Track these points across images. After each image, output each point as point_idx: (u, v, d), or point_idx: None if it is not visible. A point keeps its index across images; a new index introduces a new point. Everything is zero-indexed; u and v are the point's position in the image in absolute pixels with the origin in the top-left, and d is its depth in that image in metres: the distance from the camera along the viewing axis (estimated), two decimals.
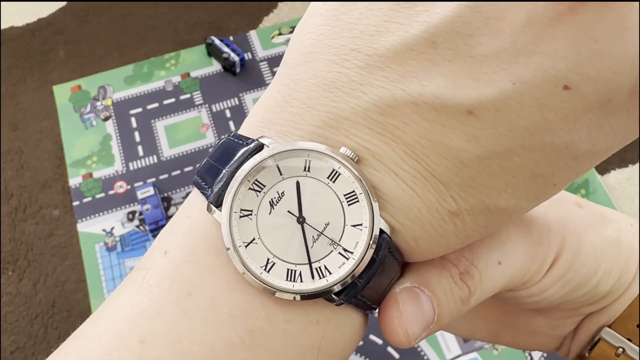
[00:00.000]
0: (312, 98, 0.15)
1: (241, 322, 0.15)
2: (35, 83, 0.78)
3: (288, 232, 0.16)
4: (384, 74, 0.14)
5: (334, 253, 0.16)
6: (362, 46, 0.14)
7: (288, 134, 0.15)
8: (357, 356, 0.61)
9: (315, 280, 0.16)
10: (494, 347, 0.61)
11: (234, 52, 0.76)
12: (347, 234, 0.16)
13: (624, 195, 0.69)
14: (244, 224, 0.16)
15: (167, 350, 0.14)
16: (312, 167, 0.16)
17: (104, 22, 0.83)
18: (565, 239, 0.18)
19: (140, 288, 0.15)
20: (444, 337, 0.62)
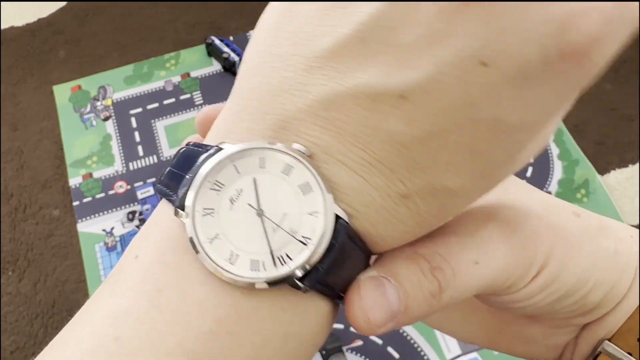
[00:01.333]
0: (264, 104, 0.17)
1: (210, 312, 0.16)
2: (35, 83, 0.78)
3: (249, 225, 0.17)
4: (323, 72, 0.15)
5: (294, 241, 0.17)
6: (302, 50, 0.16)
7: (245, 141, 0.17)
8: (357, 356, 0.61)
9: (278, 267, 0.17)
10: None
11: (234, 52, 0.76)
12: (304, 221, 0.17)
13: (624, 195, 0.69)
14: (207, 222, 0.17)
15: (140, 344, 0.15)
16: (266, 163, 0.17)
17: (104, 22, 0.83)
18: (554, 247, 0.19)
19: (113, 291, 0.16)
20: (443, 337, 0.62)
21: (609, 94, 0.76)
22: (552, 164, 0.71)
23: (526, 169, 0.71)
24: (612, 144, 0.73)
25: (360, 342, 0.61)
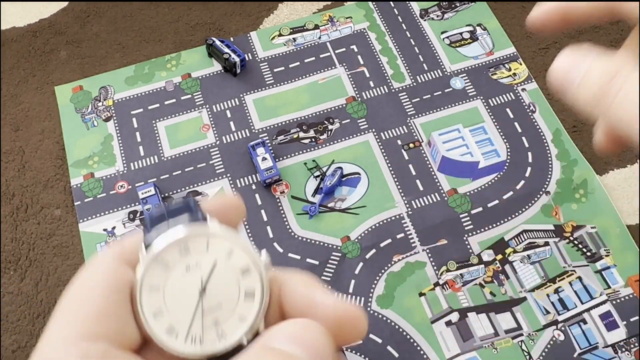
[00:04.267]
0: None
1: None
2: (36, 83, 0.78)
3: (187, 296, 0.19)
4: None
5: (213, 330, 0.19)
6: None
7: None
8: (357, 355, 0.61)
9: (186, 344, 0.18)
10: (494, 346, 0.62)
11: (235, 52, 0.76)
12: (231, 320, 0.19)
13: (622, 196, 0.70)
14: (158, 272, 0.19)
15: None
16: (232, 257, 0.19)
17: (105, 23, 0.83)
18: None
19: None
20: (443, 337, 0.62)
21: None
22: (551, 164, 0.72)
23: (525, 169, 0.71)
24: None
25: (360, 342, 0.62)
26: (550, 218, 0.68)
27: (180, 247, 0.19)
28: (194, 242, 0.19)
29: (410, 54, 0.80)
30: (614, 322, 0.63)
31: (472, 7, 0.83)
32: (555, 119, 0.74)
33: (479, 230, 0.67)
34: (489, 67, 0.78)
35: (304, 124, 0.75)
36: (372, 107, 0.76)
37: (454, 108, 0.76)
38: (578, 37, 0.81)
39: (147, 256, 0.19)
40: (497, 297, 0.64)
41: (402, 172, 0.71)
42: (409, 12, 0.83)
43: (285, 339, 0.17)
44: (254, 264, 0.19)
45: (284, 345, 0.17)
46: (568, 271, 0.65)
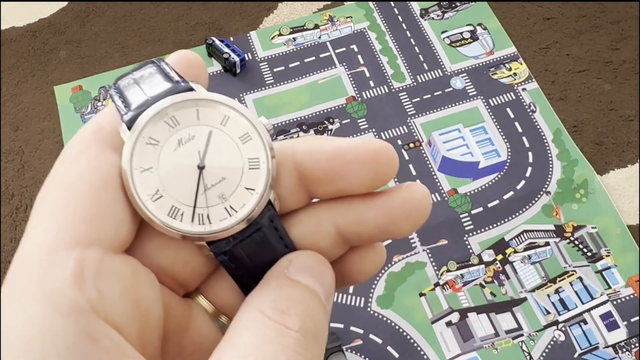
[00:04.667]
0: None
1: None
2: (36, 83, 0.78)
3: (185, 173, 0.17)
4: None
5: (220, 206, 0.17)
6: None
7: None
8: (357, 355, 0.61)
9: (194, 224, 0.16)
10: (494, 347, 0.62)
11: (235, 52, 0.76)
12: (238, 193, 0.17)
13: (623, 196, 0.70)
14: (147, 151, 0.16)
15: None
16: (228, 123, 0.17)
17: (105, 23, 0.83)
18: None
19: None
20: (443, 337, 0.62)
21: (608, 94, 0.76)
22: (551, 164, 0.71)
23: (525, 169, 0.71)
24: (611, 144, 0.73)
25: (360, 342, 0.62)
26: (551, 218, 0.68)
27: (167, 120, 0.17)
28: (182, 112, 0.17)
29: (411, 54, 0.79)
30: (614, 322, 0.62)
31: (472, 6, 0.83)
32: (556, 118, 0.74)
33: (480, 230, 0.67)
34: (490, 67, 0.78)
35: (304, 124, 0.74)
36: (372, 107, 0.76)
37: (454, 108, 0.75)
38: (579, 37, 0.80)
39: (132, 135, 0.16)
40: (497, 298, 0.64)
41: (402, 172, 0.71)
42: (409, 12, 0.83)
43: (302, 271, 0.17)
44: (254, 129, 0.17)
45: (302, 278, 0.17)
46: (568, 271, 0.65)
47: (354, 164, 0.17)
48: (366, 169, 0.17)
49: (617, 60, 0.79)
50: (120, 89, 0.18)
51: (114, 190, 0.16)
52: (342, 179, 0.17)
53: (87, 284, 0.14)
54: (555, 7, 0.83)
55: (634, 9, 0.82)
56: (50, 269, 0.14)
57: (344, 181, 0.17)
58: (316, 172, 0.17)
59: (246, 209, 0.17)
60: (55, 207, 0.15)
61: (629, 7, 0.83)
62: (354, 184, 0.17)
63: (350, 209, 0.18)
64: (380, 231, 0.18)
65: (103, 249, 0.15)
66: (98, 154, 0.16)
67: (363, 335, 0.62)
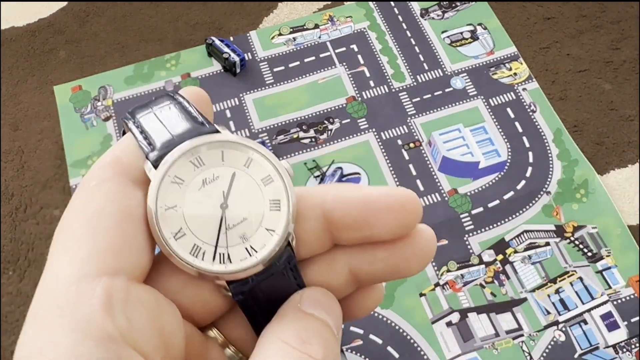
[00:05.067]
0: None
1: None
2: (35, 83, 0.78)
3: (208, 212, 0.17)
4: None
5: (241, 246, 0.17)
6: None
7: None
8: (357, 356, 0.61)
9: (215, 263, 0.17)
10: (494, 347, 0.61)
11: (234, 52, 0.76)
12: (258, 234, 0.17)
13: (623, 196, 0.69)
14: (172, 190, 0.17)
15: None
16: (251, 166, 0.18)
17: (105, 23, 0.83)
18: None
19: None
20: (443, 337, 0.62)
21: (609, 94, 0.76)
22: (552, 164, 0.71)
23: (525, 169, 0.71)
24: (612, 144, 0.73)
25: (360, 342, 0.62)
26: (551, 218, 0.68)
27: (193, 160, 0.17)
28: (207, 154, 0.17)
29: (411, 54, 0.79)
30: (614, 322, 0.62)
31: (472, 6, 0.83)
32: (556, 118, 0.74)
33: (480, 230, 0.67)
34: (490, 67, 0.78)
35: (304, 123, 0.74)
36: (372, 107, 0.76)
37: (454, 108, 0.75)
38: (579, 37, 0.80)
39: (158, 174, 0.17)
40: (497, 298, 0.64)
41: (402, 172, 0.71)
42: (409, 12, 0.83)
43: (314, 305, 0.17)
44: (276, 171, 0.18)
45: (316, 311, 0.17)
46: (569, 271, 0.65)
47: (384, 212, 0.17)
48: (394, 216, 0.17)
49: (618, 60, 0.78)
50: (141, 124, 0.18)
51: (135, 222, 0.16)
52: (371, 226, 0.17)
53: (116, 312, 0.15)
54: (556, 7, 0.83)
55: (634, 8, 0.82)
56: (79, 297, 0.15)
57: (372, 228, 0.17)
58: (345, 219, 0.18)
59: (266, 250, 0.17)
60: (78, 238, 0.16)
61: (629, 7, 0.83)
62: (381, 231, 0.17)
63: (362, 250, 0.18)
64: (392, 271, 0.18)
65: (128, 278, 0.16)
66: (118, 186, 0.17)
67: (363, 335, 0.62)
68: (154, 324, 0.15)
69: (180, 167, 0.17)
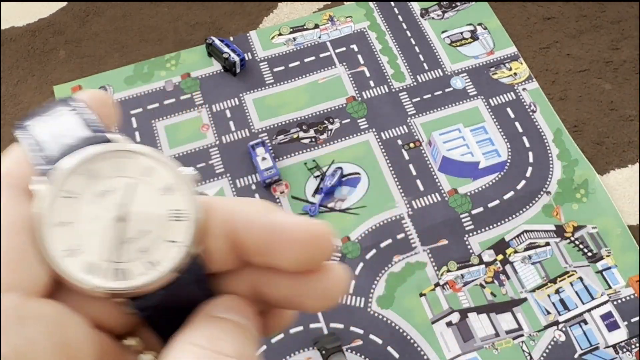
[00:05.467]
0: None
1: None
2: (35, 83, 0.78)
3: (104, 226, 0.16)
4: None
5: (141, 261, 0.16)
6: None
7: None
8: (357, 356, 0.61)
9: (112, 280, 0.16)
10: (494, 347, 0.61)
11: (234, 52, 0.76)
12: (160, 246, 0.16)
13: (623, 196, 0.69)
14: (64, 204, 0.16)
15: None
16: (150, 175, 0.16)
17: (105, 23, 0.83)
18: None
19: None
20: (443, 337, 0.62)
21: (609, 94, 0.76)
22: (552, 164, 0.71)
23: (525, 169, 0.71)
24: (612, 144, 0.73)
25: (360, 342, 0.62)
26: (551, 218, 0.68)
27: (86, 171, 0.16)
28: (102, 164, 0.16)
29: (411, 54, 0.79)
30: (614, 322, 0.62)
31: (472, 6, 0.83)
32: (556, 118, 0.74)
33: (480, 230, 0.67)
34: (490, 67, 0.78)
35: (304, 123, 0.74)
36: (372, 107, 0.75)
37: (454, 108, 0.75)
38: (579, 37, 0.80)
39: (48, 187, 0.15)
40: (497, 298, 0.64)
41: (402, 172, 0.71)
42: (409, 12, 0.83)
43: (225, 310, 0.17)
44: (178, 180, 0.16)
45: (228, 315, 0.16)
46: (569, 271, 0.65)
47: (288, 244, 0.16)
48: (299, 251, 0.16)
49: (618, 60, 0.78)
50: (33, 134, 0.17)
51: (29, 235, 0.16)
52: (274, 256, 0.16)
53: (9, 330, 0.14)
54: (556, 7, 0.83)
55: (634, 9, 0.82)
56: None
57: (275, 259, 0.16)
58: (249, 243, 0.17)
59: (168, 263, 0.16)
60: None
61: (629, 7, 0.82)
62: (284, 263, 0.17)
63: (268, 273, 0.17)
64: (291, 302, 0.17)
65: (22, 293, 0.15)
66: (9, 199, 0.16)
67: (363, 335, 0.62)
68: (55, 339, 0.15)
69: (72, 180, 0.16)
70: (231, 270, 0.18)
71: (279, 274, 0.17)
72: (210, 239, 0.17)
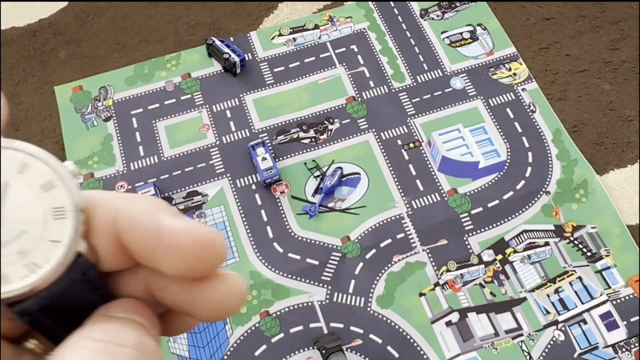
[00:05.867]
0: None
1: None
2: (36, 83, 0.78)
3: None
4: None
5: (20, 263, 0.15)
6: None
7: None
8: (357, 355, 0.61)
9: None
10: (494, 347, 0.62)
11: (235, 52, 0.76)
12: (41, 247, 0.15)
13: (622, 196, 0.70)
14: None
15: None
16: (27, 172, 0.15)
17: (105, 23, 0.83)
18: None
19: None
20: (443, 337, 0.62)
21: (608, 95, 0.76)
22: (551, 164, 0.72)
23: (525, 169, 0.71)
24: (611, 144, 0.73)
25: (360, 342, 0.62)
26: (551, 218, 0.68)
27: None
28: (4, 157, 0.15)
29: (410, 54, 0.80)
30: (614, 322, 0.63)
31: (472, 7, 0.83)
32: (556, 118, 0.74)
33: (479, 230, 0.67)
34: (489, 67, 0.78)
35: (304, 124, 0.74)
36: (372, 107, 0.76)
37: (454, 108, 0.76)
38: (579, 37, 0.80)
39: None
40: (497, 297, 0.64)
41: (402, 172, 0.71)
42: (409, 12, 0.83)
43: (123, 310, 0.16)
44: (57, 175, 0.15)
45: (126, 314, 0.16)
46: (568, 271, 0.65)
47: (170, 251, 0.15)
48: (181, 259, 0.15)
49: (617, 60, 0.79)
50: None
51: None
52: (157, 261, 0.16)
53: None
54: (555, 7, 0.83)
55: (634, 9, 0.82)
56: None
57: (158, 264, 0.16)
58: (134, 246, 0.16)
59: (51, 264, 0.15)
60: None
61: (629, 7, 0.83)
62: (167, 270, 0.16)
63: (159, 275, 0.16)
64: (181, 308, 0.17)
65: None
66: None
67: (363, 335, 0.62)
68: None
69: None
70: (126, 269, 0.17)
71: (169, 279, 0.16)
72: (95, 238, 0.16)
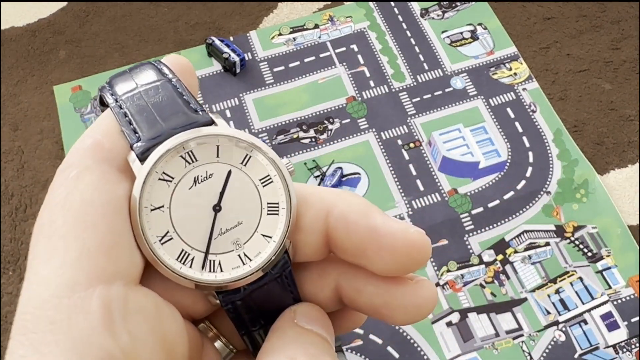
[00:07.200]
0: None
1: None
2: (35, 83, 0.78)
3: (200, 214, 0.15)
4: None
5: (234, 253, 0.15)
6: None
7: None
8: (357, 355, 0.61)
9: (204, 272, 0.15)
10: (494, 347, 0.61)
11: (234, 52, 0.76)
12: (254, 240, 0.16)
13: (623, 196, 0.69)
14: (159, 188, 0.15)
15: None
16: (249, 163, 0.16)
17: (105, 23, 0.83)
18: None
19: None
20: (443, 337, 0.62)
21: (609, 94, 0.76)
22: (552, 164, 0.71)
23: (525, 169, 0.71)
24: (612, 144, 0.73)
25: (360, 342, 0.62)
26: (551, 218, 0.68)
27: (184, 155, 0.15)
28: (201, 148, 0.15)
29: (411, 54, 0.79)
30: (615, 322, 0.62)
31: (472, 6, 0.83)
32: (556, 118, 0.74)
33: (480, 230, 0.67)
34: (490, 67, 0.78)
35: (304, 123, 0.74)
36: (372, 107, 0.75)
37: (454, 108, 0.75)
38: (579, 37, 0.80)
39: (144, 169, 0.14)
40: (497, 298, 0.64)
41: (402, 172, 0.71)
42: (409, 12, 0.83)
43: (311, 321, 0.16)
44: (276, 171, 0.16)
45: (314, 327, 0.16)
46: (569, 271, 0.65)
47: (385, 251, 0.16)
48: (395, 258, 0.16)
49: (618, 60, 0.78)
50: (125, 104, 0.16)
51: (125, 216, 0.14)
52: (368, 260, 0.16)
53: (117, 327, 0.13)
54: (556, 6, 0.83)
55: (634, 8, 0.82)
56: (74, 312, 0.13)
57: (369, 262, 0.16)
58: (345, 243, 0.16)
59: (261, 258, 0.15)
60: (64, 237, 0.14)
61: (629, 7, 0.83)
62: (377, 268, 0.16)
63: (354, 275, 0.17)
64: (374, 311, 0.17)
65: (124, 282, 0.14)
66: (102, 176, 0.15)
67: (363, 335, 0.62)
68: (156, 334, 0.14)
69: (169, 163, 0.15)
70: (317, 264, 0.17)
71: (367, 278, 0.16)
72: (303, 234, 0.16)
